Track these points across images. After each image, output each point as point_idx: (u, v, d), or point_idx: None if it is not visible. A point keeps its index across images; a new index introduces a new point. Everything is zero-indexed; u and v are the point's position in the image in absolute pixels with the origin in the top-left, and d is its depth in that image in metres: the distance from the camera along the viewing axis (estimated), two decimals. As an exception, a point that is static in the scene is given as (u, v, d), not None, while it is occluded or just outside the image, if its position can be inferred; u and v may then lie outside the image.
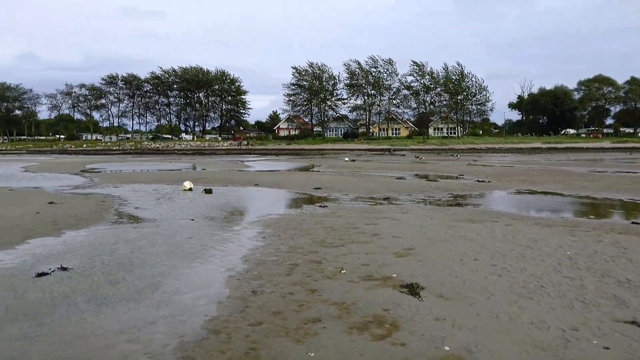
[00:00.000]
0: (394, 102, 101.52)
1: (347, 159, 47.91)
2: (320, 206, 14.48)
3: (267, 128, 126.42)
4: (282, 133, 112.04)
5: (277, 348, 4.64)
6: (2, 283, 6.85)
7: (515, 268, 7.35)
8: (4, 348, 4.76)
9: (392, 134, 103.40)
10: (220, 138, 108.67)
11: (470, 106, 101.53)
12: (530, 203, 15.91)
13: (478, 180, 22.67)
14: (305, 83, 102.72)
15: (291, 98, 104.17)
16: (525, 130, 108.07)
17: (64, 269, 7.49)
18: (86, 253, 8.60)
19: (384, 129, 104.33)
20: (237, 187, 20.74)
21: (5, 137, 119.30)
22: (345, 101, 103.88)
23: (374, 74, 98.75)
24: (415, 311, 5.56)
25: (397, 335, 4.89)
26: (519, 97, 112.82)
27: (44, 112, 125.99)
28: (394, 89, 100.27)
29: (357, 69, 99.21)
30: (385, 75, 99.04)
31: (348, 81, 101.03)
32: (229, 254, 8.57)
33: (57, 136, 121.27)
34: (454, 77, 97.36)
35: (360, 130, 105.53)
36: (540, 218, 12.39)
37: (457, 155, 57.24)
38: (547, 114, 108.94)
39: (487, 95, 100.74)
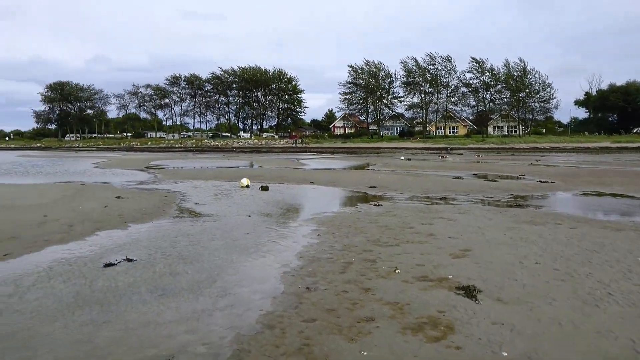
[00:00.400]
0: (452, 100, 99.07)
1: (402, 157, 47.35)
2: (375, 205, 14.40)
3: (322, 126, 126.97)
4: (338, 131, 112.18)
5: (330, 345, 4.67)
6: (73, 272, 7.29)
7: (580, 273, 6.99)
8: (74, 331, 5.07)
9: (450, 133, 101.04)
10: (276, 136, 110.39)
11: (533, 104, 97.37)
12: (597, 205, 15.08)
13: (540, 181, 21.74)
14: (361, 81, 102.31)
15: (347, 96, 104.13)
16: (593, 128, 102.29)
17: (129, 260, 7.89)
18: (150, 245, 9.00)
19: (441, 128, 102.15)
20: (293, 185, 20.99)
21: (78, 135, 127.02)
22: (402, 99, 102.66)
23: (431, 71, 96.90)
24: (471, 314, 5.42)
25: (453, 338, 4.79)
26: (587, 94, 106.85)
27: (112, 112, 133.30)
28: (452, 87, 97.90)
29: (414, 67, 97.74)
30: (443, 72, 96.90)
31: (405, 79, 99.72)
32: (283, 250, 8.70)
33: (124, 134, 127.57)
34: (515, 74, 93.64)
35: (416, 128, 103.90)
36: (608, 221, 11.71)
37: (517, 154, 55.13)
38: (618, 111, 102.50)
39: (551, 92, 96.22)
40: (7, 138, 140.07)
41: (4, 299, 6.07)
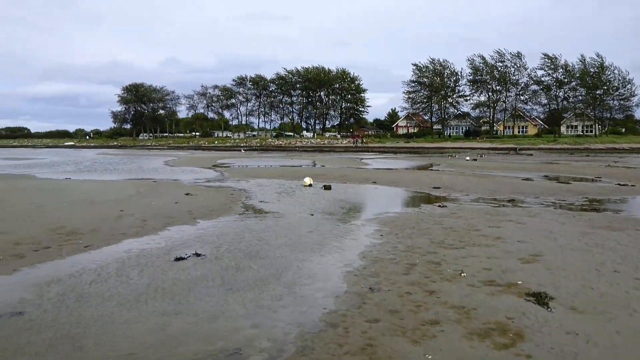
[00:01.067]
0: (522, 98, 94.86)
1: (468, 158, 46.03)
2: (439, 206, 14.10)
3: (385, 126, 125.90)
4: (401, 131, 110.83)
5: (393, 347, 4.63)
6: (147, 264, 7.69)
7: (665, 284, 6.50)
8: (148, 320, 5.35)
9: (518, 132, 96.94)
10: (339, 136, 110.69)
11: (611, 101, 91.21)
12: (685, 211, 13.93)
13: (619, 184, 20.38)
14: (425, 80, 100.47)
15: (411, 95, 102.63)
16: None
17: (198, 255, 8.21)
18: (217, 241, 9.33)
19: (509, 127, 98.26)
20: (355, 184, 20.98)
21: (151, 134, 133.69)
22: (468, 98, 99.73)
23: (499, 68, 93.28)
24: (543, 322, 5.18)
25: (522, 346, 4.61)
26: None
27: (182, 112, 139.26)
28: (522, 84, 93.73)
29: (481, 64, 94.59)
30: (512, 69, 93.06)
31: (471, 77, 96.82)
32: (346, 250, 8.72)
33: (193, 133, 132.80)
34: (592, 70, 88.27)
35: (482, 128, 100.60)
36: (699, 229, 10.80)
37: (593, 155, 52.03)
38: None
39: (632, 89, 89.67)
40: (87, 137, 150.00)
41: (87, 287, 6.51)
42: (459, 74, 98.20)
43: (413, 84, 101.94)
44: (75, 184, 20.83)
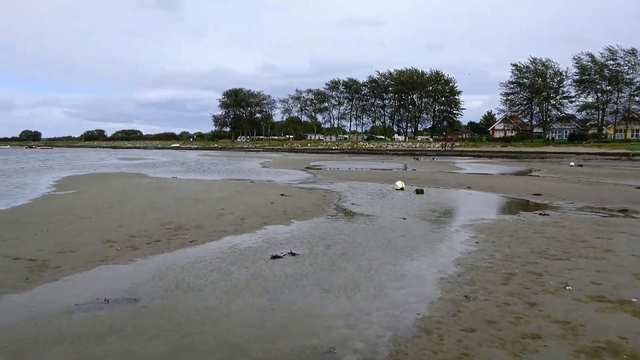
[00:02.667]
0: (636, 99, 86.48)
1: (572, 163, 42.81)
2: (540, 214, 13.30)
3: (480, 129, 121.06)
4: (497, 134, 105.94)
5: (491, 358, 4.48)
6: (246, 261, 8.09)
7: None
8: (247, 315, 5.63)
9: (632, 136, 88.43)
10: (431, 139, 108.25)
11: None
12: None
13: None
14: (525, 81, 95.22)
15: (509, 97, 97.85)
16: None
17: (293, 254, 8.48)
18: (311, 241, 9.56)
19: (620, 131, 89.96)
20: (448, 189, 20.43)
21: (248, 137, 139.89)
22: (573, 99, 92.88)
23: (610, 67, 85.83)
24: (662, 345, 4.72)
25: (637, 369, 4.24)
26: None
27: (277, 115, 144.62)
28: (637, 84, 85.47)
29: (589, 63, 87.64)
30: (625, 68, 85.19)
31: (577, 77, 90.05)
32: (439, 256, 8.54)
33: (287, 136, 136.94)
34: None
35: (589, 131, 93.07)
36: None
37: None
38: None
39: None
40: (191, 139, 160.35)
41: (192, 279, 7.00)
42: (564, 73, 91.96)
43: (512, 85, 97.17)
44: (181, 183, 22.39)
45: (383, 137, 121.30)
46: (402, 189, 19.58)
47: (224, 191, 18.03)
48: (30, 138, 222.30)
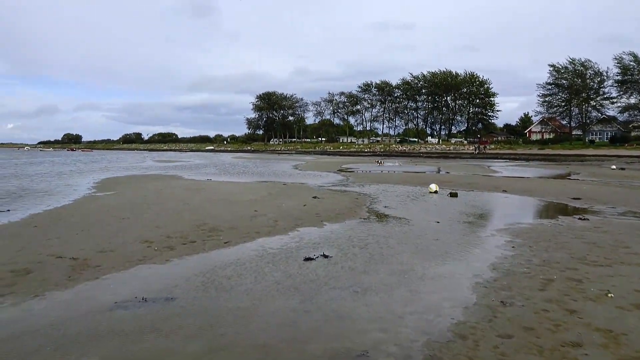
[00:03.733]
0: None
1: (614, 166, 41.32)
2: (579, 218, 12.90)
3: (516, 131, 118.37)
4: (534, 137, 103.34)
5: (528, 365, 4.37)
6: (279, 262, 8.15)
7: None
8: (281, 315, 5.68)
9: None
10: (465, 142, 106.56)
11: None
12: None
13: None
14: (564, 81, 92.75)
15: (546, 99, 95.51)
16: None
17: (325, 256, 8.50)
18: (343, 244, 9.56)
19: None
20: (483, 192, 20.06)
21: (281, 139, 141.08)
22: (614, 100, 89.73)
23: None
24: None
25: (685, 381, 4.06)
26: None
27: (310, 118, 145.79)
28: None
29: (631, 63, 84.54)
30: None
31: (619, 77, 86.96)
32: (474, 260, 8.40)
33: (319, 139, 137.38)
34: None
35: (632, 133, 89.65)
36: None
37: None
38: None
39: None
40: (224, 142, 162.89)
41: (227, 280, 7.10)
42: (604, 74, 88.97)
43: (549, 87, 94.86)
44: (216, 185, 22.76)
45: (416, 139, 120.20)
46: (436, 192, 19.35)
47: (258, 193, 18.23)
48: (71, 141, 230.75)
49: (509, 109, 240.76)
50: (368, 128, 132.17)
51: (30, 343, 4.84)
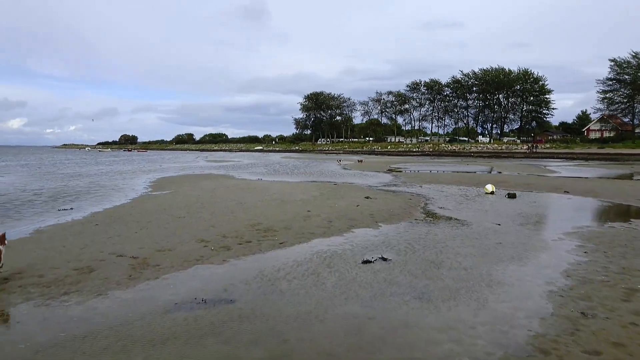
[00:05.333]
0: None
1: (686, 166, 38.60)
2: (656, 223, 11.98)
3: (573, 130, 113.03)
4: (593, 135, 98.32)
5: (624, 387, 3.94)
6: (336, 265, 7.93)
7: None
8: (343, 322, 5.43)
9: None
10: (518, 141, 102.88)
11: None
12: None
13: None
14: (626, 77, 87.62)
15: (607, 95, 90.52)
16: None
17: (384, 259, 8.20)
18: (401, 246, 9.23)
19: None
20: (543, 193, 19.12)
21: (328, 139, 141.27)
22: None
23: None
24: None
25: None
26: None
27: (357, 118, 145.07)
28: None
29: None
30: None
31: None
32: (544, 266, 7.87)
33: (367, 138, 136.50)
34: None
35: None
36: None
37: None
38: None
39: None
40: (273, 142, 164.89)
41: (285, 282, 6.94)
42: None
43: (610, 82, 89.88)
44: (267, 185, 22.85)
45: (466, 138, 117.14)
46: (492, 192, 18.62)
47: (309, 193, 18.11)
48: (127, 142, 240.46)
49: (564, 106, 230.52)
50: (416, 127, 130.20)
51: (95, 343, 4.83)
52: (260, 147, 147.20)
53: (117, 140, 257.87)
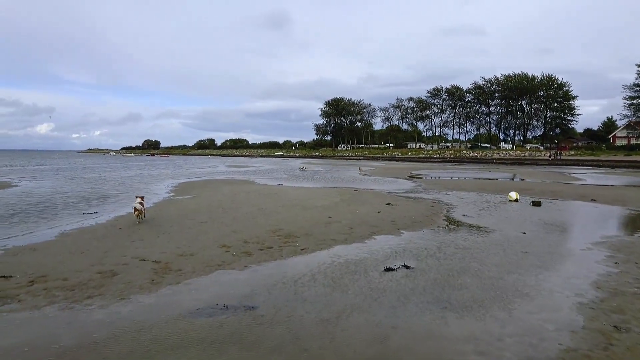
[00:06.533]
0: None
1: None
2: (689, 233, 11.57)
3: (598, 136, 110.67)
4: (619, 142, 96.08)
5: (662, 406, 3.76)
6: (358, 272, 7.83)
7: None
8: (366, 331, 5.33)
9: None
10: (542, 147, 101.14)
11: None
12: None
13: None
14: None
15: (634, 101, 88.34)
16: None
17: (407, 267, 8.07)
18: (424, 254, 9.08)
19: None
20: (569, 201, 18.69)
21: (349, 145, 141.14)
22: None
23: None
24: None
25: None
26: None
27: (378, 124, 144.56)
28: None
29: None
30: None
31: None
32: (573, 276, 7.65)
33: (387, 144, 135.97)
34: None
35: None
36: None
37: None
38: None
39: None
40: (293, 147, 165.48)
41: (306, 289, 6.87)
42: None
43: (637, 88, 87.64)
44: (287, 190, 22.85)
45: (488, 145, 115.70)
46: (516, 200, 18.28)
47: (330, 199, 18.04)
48: (150, 147, 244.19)
49: (589, 112, 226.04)
50: (437, 134, 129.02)
51: (118, 348, 4.83)
52: (281, 153, 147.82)
53: (140, 145, 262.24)
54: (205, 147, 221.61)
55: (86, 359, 4.61)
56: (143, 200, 13.31)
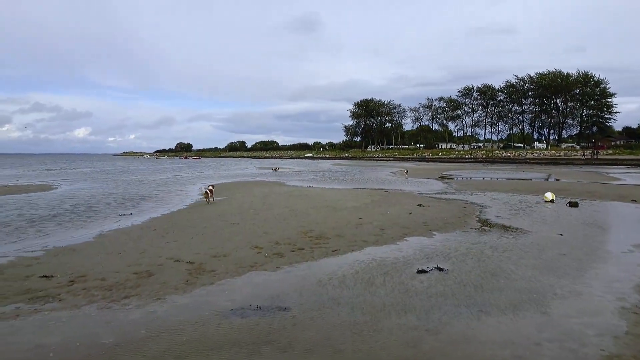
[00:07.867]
0: None
1: None
2: None
3: (638, 135, 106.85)
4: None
5: None
6: (390, 274, 7.76)
7: None
8: (400, 334, 5.28)
9: None
10: (578, 147, 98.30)
11: None
12: None
13: None
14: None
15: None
16: None
17: (440, 269, 7.97)
18: (457, 256, 8.94)
19: None
20: (608, 202, 18.10)
21: (378, 146, 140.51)
22: None
23: None
24: None
25: None
26: None
27: (408, 124, 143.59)
28: None
29: None
30: None
31: None
32: (614, 280, 7.39)
33: (417, 145, 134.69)
34: None
35: None
36: None
37: None
38: None
39: None
40: (322, 149, 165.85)
41: (338, 290, 6.86)
42: None
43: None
44: (318, 192, 22.90)
45: (521, 145, 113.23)
46: (552, 200, 17.83)
47: (360, 200, 17.98)
48: (183, 149, 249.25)
49: (628, 110, 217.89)
50: (469, 133, 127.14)
51: (155, 348, 4.93)
52: (310, 154, 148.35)
53: (173, 147, 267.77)
54: (236, 149, 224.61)
55: (124, 357, 4.71)
56: (213, 188, 18.72)
